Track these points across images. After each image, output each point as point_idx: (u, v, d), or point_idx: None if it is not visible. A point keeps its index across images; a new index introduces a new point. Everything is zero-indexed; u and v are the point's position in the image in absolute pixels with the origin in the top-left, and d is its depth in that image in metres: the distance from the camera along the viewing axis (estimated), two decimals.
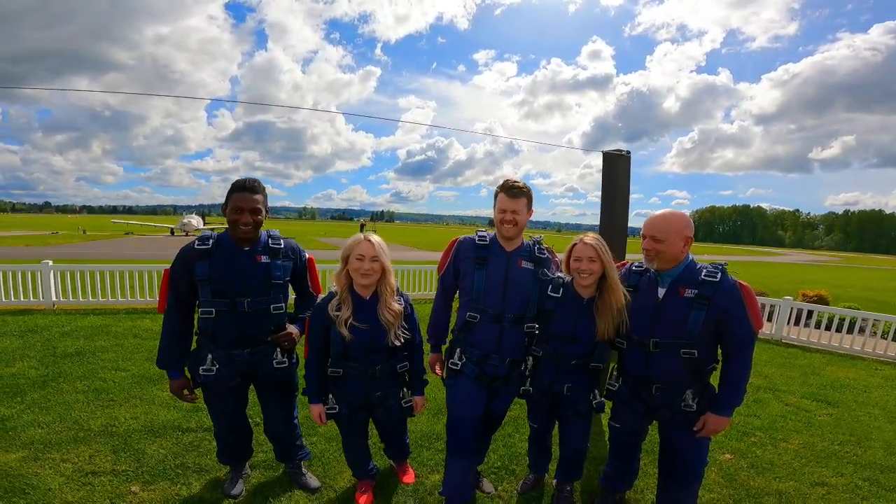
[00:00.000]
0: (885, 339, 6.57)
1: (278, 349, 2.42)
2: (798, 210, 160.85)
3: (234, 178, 2.35)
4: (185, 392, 2.38)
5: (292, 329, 2.45)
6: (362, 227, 33.76)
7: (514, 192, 2.29)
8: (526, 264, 2.35)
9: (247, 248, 2.31)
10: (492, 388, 2.44)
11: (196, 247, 2.26)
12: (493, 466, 3.06)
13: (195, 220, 34.27)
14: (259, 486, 2.75)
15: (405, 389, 2.46)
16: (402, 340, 2.29)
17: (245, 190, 2.24)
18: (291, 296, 2.60)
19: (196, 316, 2.38)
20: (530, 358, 2.43)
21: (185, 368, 2.39)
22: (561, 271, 2.39)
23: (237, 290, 2.27)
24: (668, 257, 2.13)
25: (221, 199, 2.34)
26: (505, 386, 2.46)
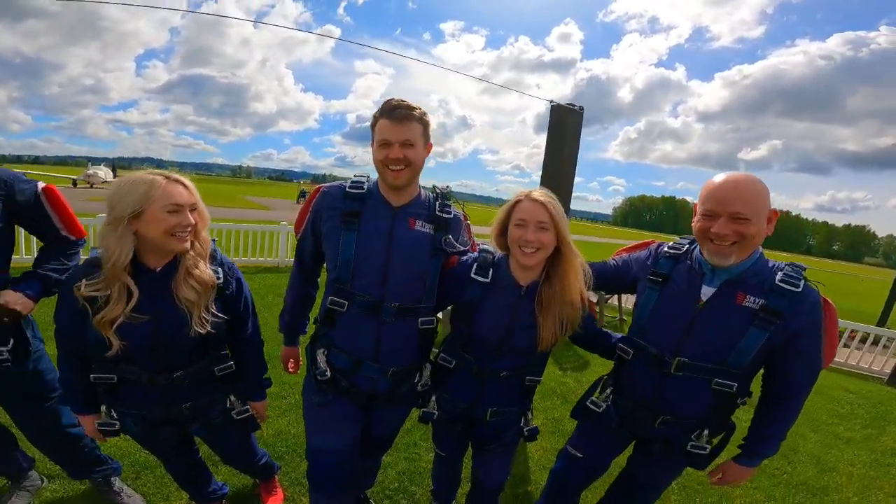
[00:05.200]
0: None
1: None
2: None
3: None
4: None
5: (9, 296, 1.56)
6: (303, 193, 31.07)
7: (399, 113, 1.49)
8: (421, 226, 1.60)
9: None
10: (369, 406, 1.71)
11: None
12: (387, 488, 2.40)
13: (102, 172, 30.46)
14: (56, 502, 1.98)
15: (233, 397, 1.70)
16: (213, 327, 1.51)
17: None
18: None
19: None
20: (428, 367, 1.74)
21: None
22: (487, 244, 1.67)
23: None
24: (752, 244, 1.42)
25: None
26: (388, 405, 1.73)
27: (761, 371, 1.57)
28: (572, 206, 3.57)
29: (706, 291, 1.49)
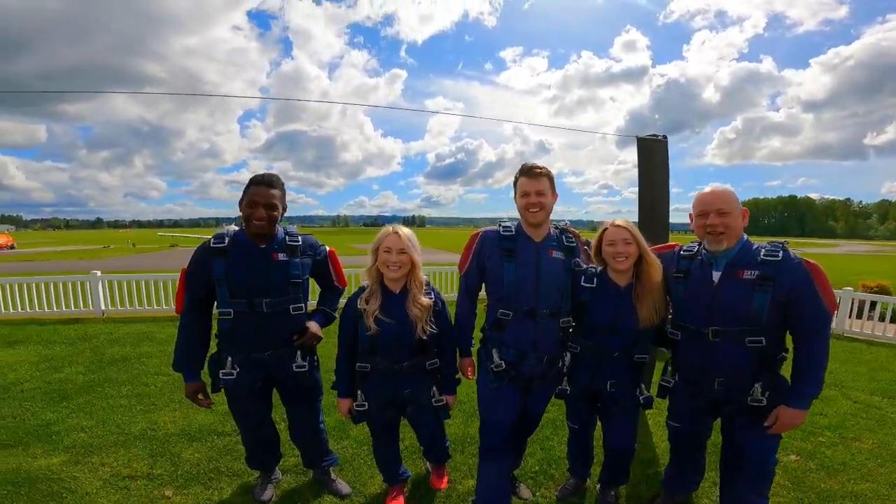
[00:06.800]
0: None
1: (298, 352, 2.32)
2: (849, 199, 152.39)
3: None
4: (200, 396, 2.33)
5: (312, 325, 2.35)
6: None
7: (534, 172, 2.15)
8: (556, 254, 2.20)
9: (263, 246, 2.24)
10: (528, 388, 2.29)
11: (212, 244, 2.21)
12: (530, 471, 2.89)
13: (234, 229, 35.32)
14: (289, 492, 2.69)
15: (435, 388, 2.35)
16: (428, 335, 2.21)
17: (261, 184, 2.17)
18: (312, 301, 2.51)
19: (216, 317, 2.30)
20: (568, 354, 2.28)
21: (205, 372, 2.34)
22: (592, 262, 2.25)
23: (255, 289, 2.19)
24: (735, 232, 1.94)
25: None
26: (541, 385, 2.31)
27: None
28: (673, 220, 3.87)
29: (716, 276, 1.97)
